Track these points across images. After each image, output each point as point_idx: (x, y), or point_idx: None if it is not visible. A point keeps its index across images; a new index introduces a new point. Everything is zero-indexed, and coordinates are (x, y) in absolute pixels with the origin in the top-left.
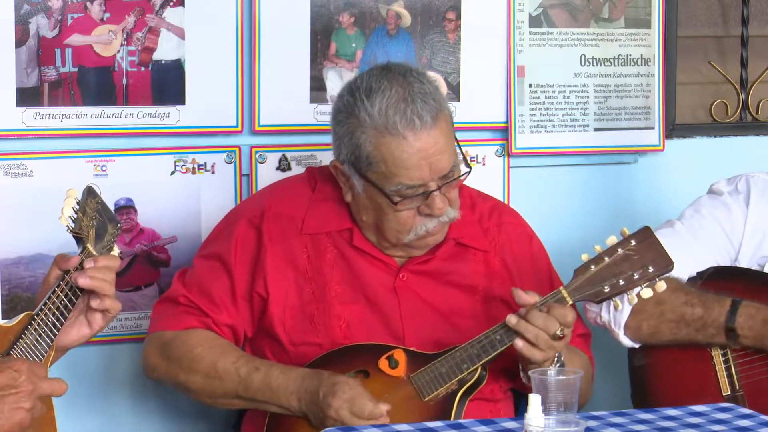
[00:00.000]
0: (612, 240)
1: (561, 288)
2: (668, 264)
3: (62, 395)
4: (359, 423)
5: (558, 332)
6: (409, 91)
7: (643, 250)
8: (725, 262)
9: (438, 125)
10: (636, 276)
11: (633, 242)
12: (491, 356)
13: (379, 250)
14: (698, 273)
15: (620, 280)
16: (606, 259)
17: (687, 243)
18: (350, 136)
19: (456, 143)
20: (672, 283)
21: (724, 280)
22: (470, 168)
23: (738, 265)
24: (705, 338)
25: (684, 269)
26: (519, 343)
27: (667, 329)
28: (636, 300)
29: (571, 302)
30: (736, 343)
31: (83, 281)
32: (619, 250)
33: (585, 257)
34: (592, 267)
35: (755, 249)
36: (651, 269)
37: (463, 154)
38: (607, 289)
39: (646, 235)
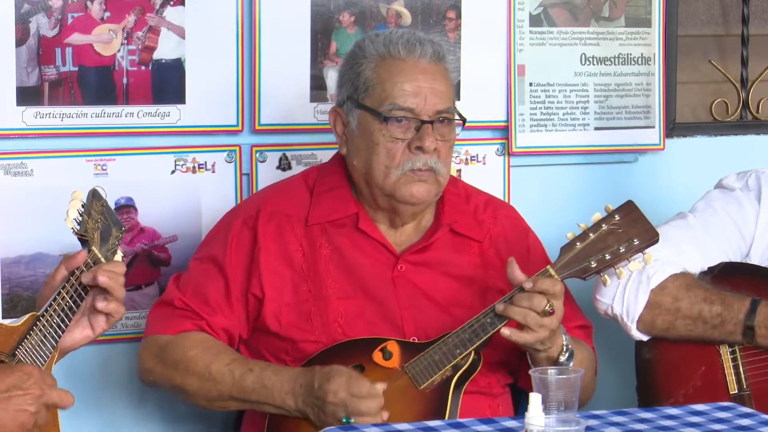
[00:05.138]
0: (596, 216)
1: (548, 267)
2: (653, 236)
3: (67, 408)
4: (358, 404)
5: (547, 308)
6: (414, 31)
7: (628, 224)
8: (736, 257)
9: (439, 66)
10: (622, 249)
11: (617, 217)
12: (483, 340)
13: (381, 234)
14: (709, 268)
15: (606, 255)
16: (591, 235)
17: (699, 237)
18: (352, 68)
19: (456, 109)
20: (688, 279)
21: (735, 276)
22: (465, 121)
23: (749, 261)
24: (721, 335)
25: (695, 263)
26: (506, 331)
27: (683, 325)
28: (624, 274)
29: (559, 279)
30: (752, 341)
31: (103, 279)
32: (604, 225)
33: (570, 235)
34: (578, 244)
35: (767, 246)
36: (637, 242)
37: (459, 113)
38: (594, 265)
39: (629, 209)
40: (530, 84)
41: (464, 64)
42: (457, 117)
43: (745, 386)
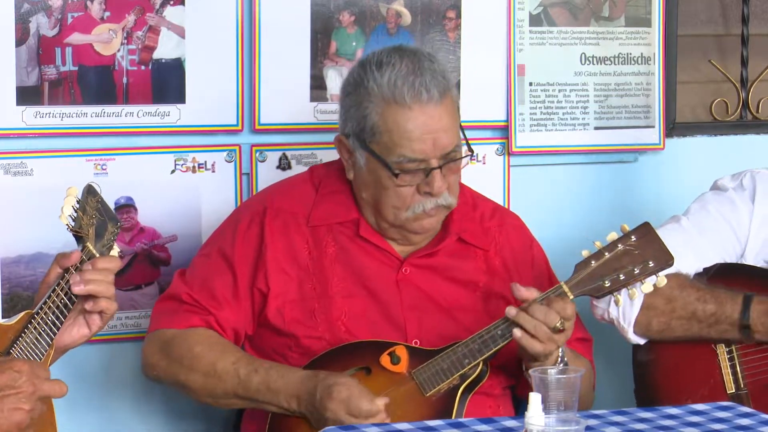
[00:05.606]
0: (612, 236)
1: (562, 283)
2: (669, 259)
3: (62, 397)
4: (357, 423)
5: (558, 325)
6: (419, 66)
7: (643, 246)
8: (731, 258)
9: (444, 102)
10: (636, 271)
11: (633, 238)
12: (492, 351)
13: (383, 240)
14: (704, 269)
15: (621, 275)
16: (606, 254)
17: (693, 239)
18: (357, 107)
19: (461, 130)
20: (681, 279)
21: (730, 277)
22: (472, 152)
23: (744, 262)
24: (718, 334)
25: (690, 265)
26: (517, 332)
27: (679, 326)
28: (637, 295)
29: (572, 297)
30: (749, 338)
31: (77, 288)
32: (620, 245)
33: (585, 253)
34: (593, 262)
35: (761, 245)
36: (651, 264)
37: (466, 139)
38: (607, 284)
39: (646, 230)
40: (530, 84)
41: (464, 64)
42: (465, 149)
43: (742, 385)
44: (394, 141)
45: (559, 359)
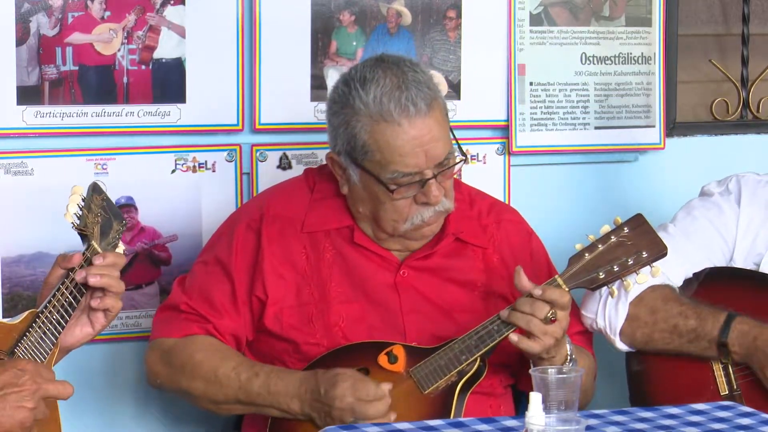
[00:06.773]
0: (605, 229)
1: (556, 276)
2: (662, 249)
3: (68, 399)
4: (365, 407)
5: (549, 315)
6: (403, 79)
7: (637, 237)
8: (720, 262)
9: (432, 113)
10: (630, 262)
11: (626, 229)
12: (489, 347)
13: (379, 246)
14: (694, 274)
15: (615, 266)
16: (600, 246)
17: (681, 245)
18: (345, 126)
19: (451, 132)
20: (667, 292)
21: (720, 282)
22: (465, 156)
23: (733, 265)
24: (697, 350)
25: (679, 272)
26: (513, 337)
27: (660, 338)
28: (632, 286)
29: (567, 290)
30: (727, 357)
31: (94, 280)
32: (613, 237)
33: (579, 246)
34: (587, 255)
35: (749, 248)
36: (645, 254)
37: (458, 143)
38: (602, 276)
39: (638, 222)
40: (530, 83)
41: (464, 64)
42: (458, 157)
43: (735, 387)
44: (386, 158)
45: (568, 357)
